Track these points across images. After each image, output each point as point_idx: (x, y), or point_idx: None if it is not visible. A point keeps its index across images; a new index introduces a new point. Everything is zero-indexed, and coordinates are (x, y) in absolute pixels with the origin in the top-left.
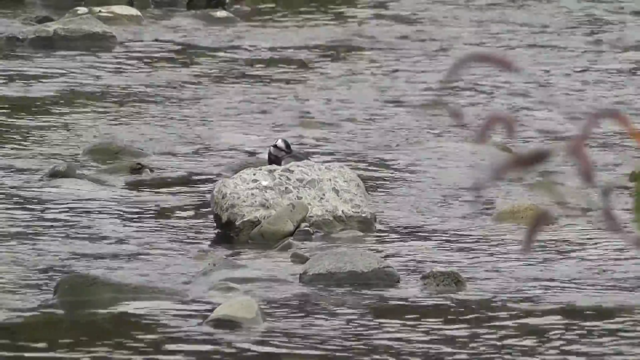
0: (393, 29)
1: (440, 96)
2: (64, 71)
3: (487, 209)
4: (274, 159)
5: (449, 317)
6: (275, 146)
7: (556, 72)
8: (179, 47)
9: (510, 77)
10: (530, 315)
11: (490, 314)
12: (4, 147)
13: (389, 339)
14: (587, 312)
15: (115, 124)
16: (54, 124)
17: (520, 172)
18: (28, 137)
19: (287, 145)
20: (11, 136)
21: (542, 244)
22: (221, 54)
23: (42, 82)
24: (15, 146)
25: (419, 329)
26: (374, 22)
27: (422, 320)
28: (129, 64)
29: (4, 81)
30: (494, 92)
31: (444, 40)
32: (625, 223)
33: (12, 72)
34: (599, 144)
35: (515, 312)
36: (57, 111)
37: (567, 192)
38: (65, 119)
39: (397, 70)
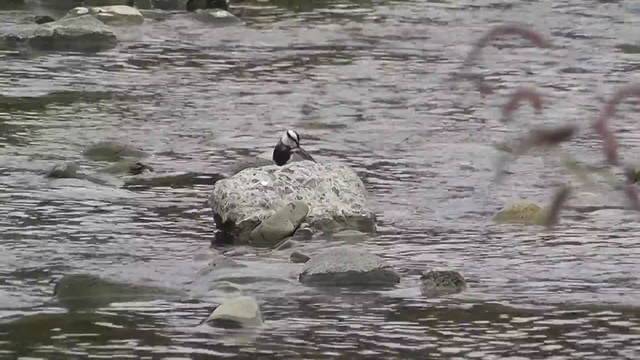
0: (394, 28)
1: (467, 70)
2: (64, 71)
3: (490, 208)
4: (285, 150)
5: (449, 317)
6: (288, 135)
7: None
8: (179, 47)
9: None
10: (530, 315)
11: (490, 314)
12: (4, 147)
13: (389, 339)
14: (588, 312)
15: (115, 124)
16: (54, 124)
17: (544, 148)
18: (28, 137)
19: (298, 137)
20: (11, 136)
21: (543, 244)
22: (221, 54)
23: (42, 82)
24: (16, 146)
25: (419, 329)
26: (375, 22)
27: (422, 320)
28: (129, 64)
29: (4, 81)
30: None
31: (445, 40)
32: None
33: (12, 72)
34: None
35: (515, 312)
36: (57, 111)
37: (591, 170)
38: (65, 119)
39: (397, 70)
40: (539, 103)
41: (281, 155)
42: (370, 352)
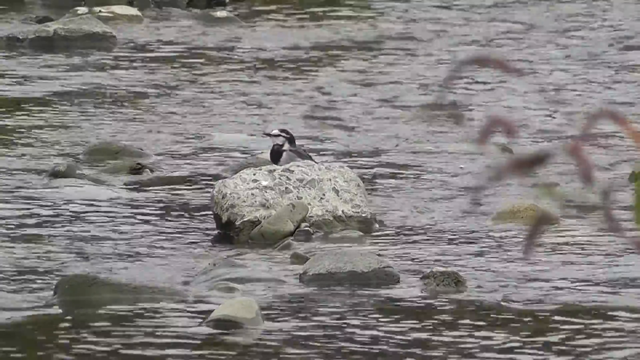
0: (394, 28)
1: (441, 97)
2: (64, 71)
3: (490, 208)
4: (277, 149)
5: (449, 317)
6: (276, 134)
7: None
8: (179, 47)
9: (510, 78)
10: (530, 315)
11: (490, 314)
12: (4, 147)
13: (389, 339)
14: (588, 312)
15: (115, 124)
16: (54, 124)
17: (520, 174)
18: (28, 137)
19: (290, 135)
20: (11, 136)
21: (543, 244)
22: (221, 54)
23: (42, 82)
24: (16, 146)
25: (419, 329)
26: (375, 22)
27: (422, 320)
28: (129, 64)
29: (4, 81)
30: (495, 93)
31: (446, 41)
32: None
33: (12, 72)
34: (600, 144)
35: (515, 312)
36: (57, 111)
37: (568, 193)
38: (65, 119)
39: (398, 70)
40: (512, 130)
41: (275, 155)
42: (370, 352)
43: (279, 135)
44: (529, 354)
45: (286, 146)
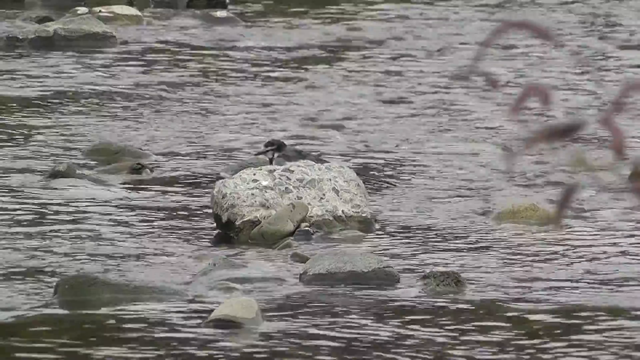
0: (394, 28)
1: (476, 65)
2: (64, 71)
3: (490, 208)
4: (270, 159)
5: (449, 317)
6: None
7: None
8: (179, 47)
9: (545, 49)
10: (530, 315)
11: (490, 314)
12: (4, 147)
13: (389, 339)
14: (588, 312)
15: (116, 124)
16: (54, 124)
17: (552, 144)
18: (28, 137)
19: (272, 144)
20: (11, 136)
21: (543, 244)
22: (221, 54)
23: (42, 82)
24: (15, 146)
25: (419, 329)
26: (374, 22)
27: (422, 320)
28: (129, 64)
29: (4, 81)
30: (529, 64)
31: (446, 40)
32: None
33: (12, 72)
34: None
35: (515, 312)
36: (57, 111)
37: (599, 164)
38: (65, 119)
39: (398, 70)
40: (547, 99)
41: (271, 163)
42: (370, 352)
43: (267, 151)
44: (529, 354)
45: (275, 155)
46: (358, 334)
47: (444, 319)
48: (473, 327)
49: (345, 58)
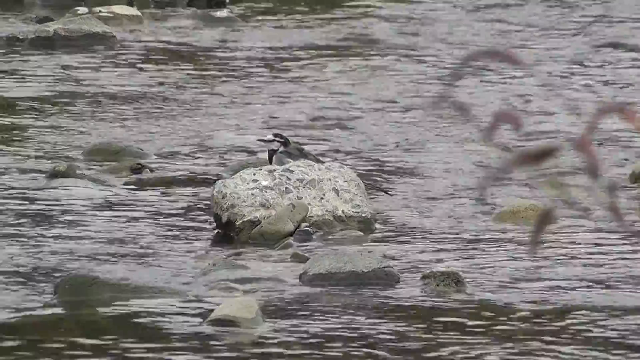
0: (393, 28)
1: (446, 92)
2: (64, 71)
3: (490, 208)
4: (271, 153)
5: (449, 317)
6: (269, 139)
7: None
8: (179, 47)
9: (517, 73)
10: (530, 315)
11: (490, 314)
12: (4, 147)
13: (389, 339)
14: (588, 312)
15: (115, 124)
16: (54, 124)
17: (526, 168)
18: (28, 137)
19: (280, 136)
20: (11, 136)
21: (543, 244)
22: (221, 54)
23: (42, 82)
24: (15, 146)
25: (419, 329)
26: (374, 22)
27: (422, 320)
28: (129, 64)
29: (4, 81)
30: (500, 88)
31: (445, 40)
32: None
33: (12, 72)
34: (606, 140)
35: (515, 313)
36: (57, 111)
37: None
38: (65, 119)
39: (398, 70)
40: (519, 124)
41: (269, 158)
42: (370, 352)
43: (273, 141)
44: (530, 354)
45: (281, 149)
46: (358, 334)
47: (444, 319)
48: (473, 327)
49: (346, 58)
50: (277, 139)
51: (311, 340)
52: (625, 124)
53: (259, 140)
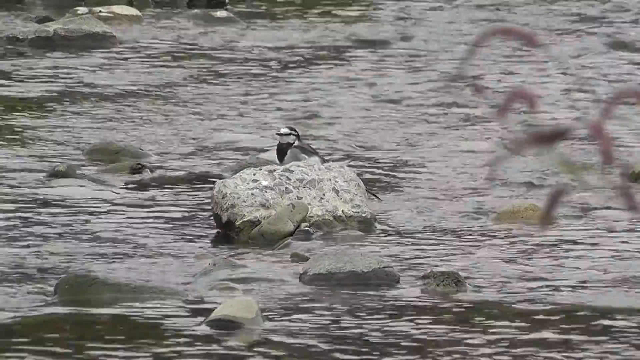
0: (393, 28)
1: (461, 72)
2: (64, 71)
3: (488, 209)
4: (285, 147)
5: (449, 317)
6: (284, 132)
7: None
8: (179, 47)
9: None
10: (530, 315)
11: (490, 314)
12: (4, 147)
13: (389, 339)
14: (588, 312)
15: (115, 124)
16: (54, 124)
17: (539, 149)
18: (28, 137)
19: (296, 132)
20: (11, 136)
21: (543, 244)
22: (221, 54)
23: (42, 82)
24: (15, 146)
25: (419, 329)
26: (374, 22)
27: (422, 320)
28: (129, 64)
29: (4, 81)
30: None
31: (444, 39)
32: None
33: (12, 72)
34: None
35: (515, 313)
36: (57, 111)
37: (587, 169)
38: (65, 119)
39: (398, 70)
40: (534, 103)
41: (281, 152)
42: (370, 352)
43: (289, 134)
44: (530, 354)
45: (296, 143)
46: (358, 334)
47: (444, 319)
48: (473, 327)
49: (346, 58)
50: (292, 132)
51: (311, 341)
52: None
53: (278, 134)
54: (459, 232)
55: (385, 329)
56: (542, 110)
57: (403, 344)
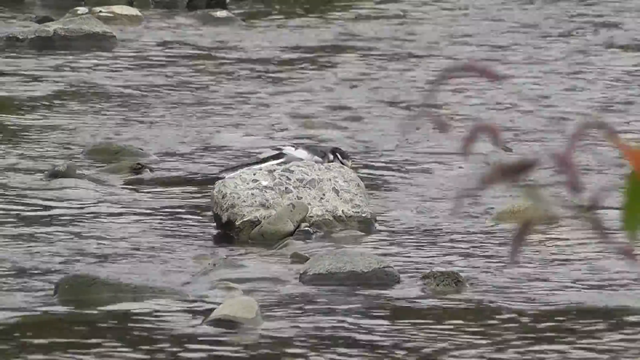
0: (393, 28)
1: (426, 105)
2: (64, 71)
3: (488, 209)
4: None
5: (449, 317)
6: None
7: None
8: (179, 47)
9: (497, 85)
10: (530, 315)
11: (490, 314)
12: (4, 147)
13: (389, 339)
14: (588, 312)
15: (115, 124)
16: (54, 124)
17: (506, 182)
18: (28, 137)
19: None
20: (11, 136)
21: (542, 244)
22: (221, 53)
23: (42, 82)
24: (15, 146)
25: (419, 329)
26: (374, 22)
27: (422, 320)
28: (129, 64)
29: (4, 81)
30: (482, 100)
31: (443, 40)
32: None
33: (11, 72)
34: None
35: (515, 312)
36: (57, 111)
37: (555, 199)
38: (65, 119)
39: (398, 70)
40: (498, 136)
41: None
42: (370, 352)
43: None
44: (530, 354)
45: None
46: (358, 334)
47: (444, 319)
48: (473, 327)
49: (346, 58)
50: (336, 153)
51: (311, 341)
52: (611, 144)
53: (325, 160)
54: (459, 232)
55: (385, 329)
56: (508, 143)
57: (403, 344)
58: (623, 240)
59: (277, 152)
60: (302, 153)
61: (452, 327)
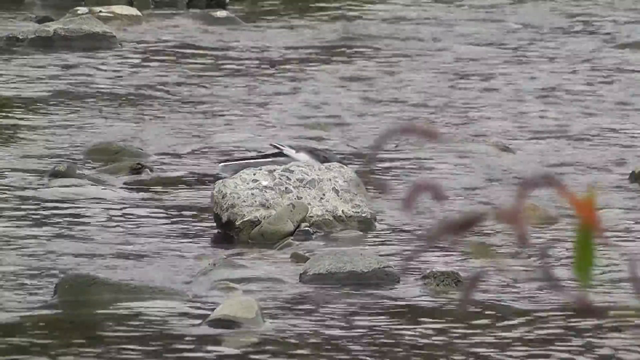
0: (392, 28)
1: (371, 162)
2: (64, 71)
3: (488, 209)
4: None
5: (449, 317)
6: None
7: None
8: (179, 47)
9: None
10: (530, 315)
11: (490, 314)
12: (4, 147)
13: (389, 339)
14: (588, 312)
15: (116, 124)
16: (54, 124)
17: (452, 237)
18: (28, 137)
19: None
20: (11, 136)
21: (542, 244)
22: (221, 54)
23: (42, 82)
24: (16, 146)
25: (419, 329)
26: (374, 22)
27: (422, 320)
28: (129, 64)
29: (4, 81)
30: (424, 155)
31: (442, 39)
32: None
33: (11, 72)
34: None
35: (515, 312)
36: (57, 111)
37: (502, 253)
38: (65, 119)
39: (398, 70)
40: (440, 194)
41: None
42: (370, 352)
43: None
44: (530, 354)
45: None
46: (358, 334)
47: (444, 319)
48: (473, 327)
49: (345, 58)
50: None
51: (311, 340)
52: (559, 196)
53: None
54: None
55: (385, 329)
56: (451, 200)
57: (403, 344)
58: (577, 290)
59: (277, 152)
60: (302, 156)
61: (452, 327)
